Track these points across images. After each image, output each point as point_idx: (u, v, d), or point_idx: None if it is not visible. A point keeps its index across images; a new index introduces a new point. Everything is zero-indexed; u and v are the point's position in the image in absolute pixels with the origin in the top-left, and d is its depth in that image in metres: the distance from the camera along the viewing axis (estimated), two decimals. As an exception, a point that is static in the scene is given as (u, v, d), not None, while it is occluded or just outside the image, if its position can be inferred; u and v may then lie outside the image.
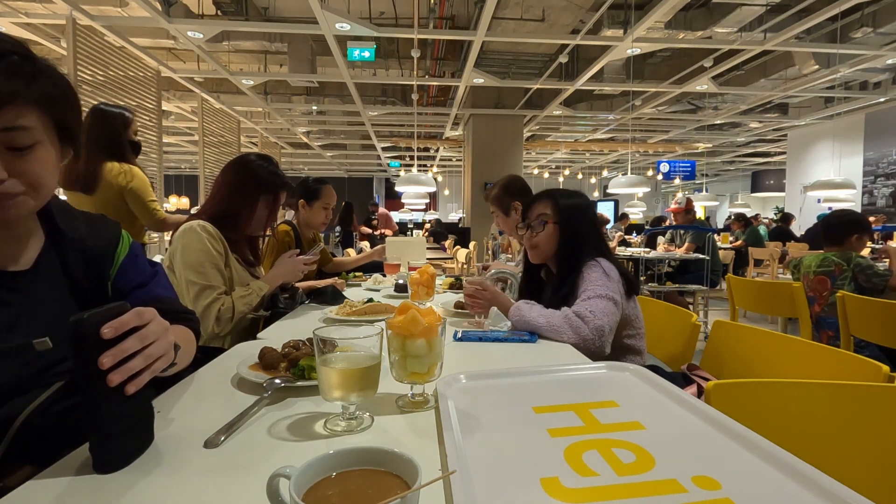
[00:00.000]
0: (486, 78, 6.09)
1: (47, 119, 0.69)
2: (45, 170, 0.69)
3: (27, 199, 0.69)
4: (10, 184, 0.65)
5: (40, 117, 0.67)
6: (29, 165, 0.67)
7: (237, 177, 1.57)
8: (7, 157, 0.65)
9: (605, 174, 16.52)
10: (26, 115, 0.65)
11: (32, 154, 0.67)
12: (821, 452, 0.79)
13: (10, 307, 0.71)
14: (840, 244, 2.51)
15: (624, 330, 1.43)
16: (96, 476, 0.57)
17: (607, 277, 1.35)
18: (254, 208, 1.57)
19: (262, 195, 1.57)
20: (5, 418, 0.65)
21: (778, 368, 1.18)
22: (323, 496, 0.43)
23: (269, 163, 1.62)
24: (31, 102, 0.66)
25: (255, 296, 1.49)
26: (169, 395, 0.83)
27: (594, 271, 1.38)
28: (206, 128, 6.36)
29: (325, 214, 2.45)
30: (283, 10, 5.29)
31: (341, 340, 0.72)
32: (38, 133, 0.67)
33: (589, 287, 1.34)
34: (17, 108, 0.64)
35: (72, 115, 0.73)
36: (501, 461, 0.59)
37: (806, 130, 9.45)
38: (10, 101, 0.63)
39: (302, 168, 16.15)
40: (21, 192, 0.67)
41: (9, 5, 4.40)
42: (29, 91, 0.65)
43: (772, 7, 4.67)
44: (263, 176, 1.58)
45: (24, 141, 0.66)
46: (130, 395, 0.60)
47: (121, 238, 0.88)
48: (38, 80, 0.66)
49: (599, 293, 1.30)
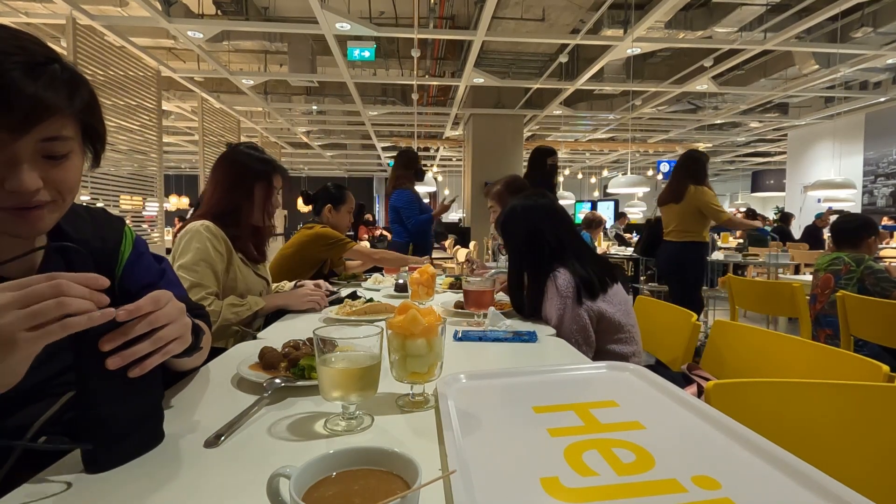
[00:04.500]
0: (486, 78, 6.08)
1: (79, 127, 0.68)
2: (76, 177, 0.69)
3: (55, 208, 0.68)
4: (43, 193, 0.64)
5: (76, 126, 0.67)
6: (62, 174, 0.66)
7: (230, 170, 1.57)
8: (43, 166, 0.64)
9: (605, 174, 16.50)
10: (67, 125, 0.65)
11: (67, 162, 0.66)
12: (821, 452, 0.79)
13: None
14: (857, 247, 2.51)
15: (612, 335, 1.43)
16: (96, 475, 0.57)
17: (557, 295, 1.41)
18: (252, 198, 1.57)
19: (257, 182, 1.58)
20: (19, 427, 0.64)
21: (778, 368, 1.18)
22: (323, 496, 0.43)
23: (257, 150, 1.62)
24: (73, 113, 0.65)
25: (247, 309, 1.45)
26: (169, 394, 0.83)
27: (549, 289, 1.45)
28: (206, 128, 6.36)
29: (349, 218, 2.55)
30: (283, 9, 5.28)
31: (341, 340, 0.72)
32: (74, 142, 0.67)
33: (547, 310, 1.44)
34: (61, 119, 0.63)
35: (100, 122, 0.73)
36: (501, 461, 0.59)
37: (806, 130, 9.44)
38: (55, 112, 0.62)
39: (302, 168, 16.13)
40: (52, 201, 0.66)
41: (9, 5, 4.40)
42: (71, 102, 0.64)
43: (772, 7, 4.67)
44: (255, 163, 1.58)
45: (62, 150, 0.65)
46: (133, 395, 0.59)
47: (124, 235, 0.87)
48: (80, 90, 0.66)
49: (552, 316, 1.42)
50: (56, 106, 0.62)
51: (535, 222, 1.53)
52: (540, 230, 1.51)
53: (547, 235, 1.51)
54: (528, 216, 1.54)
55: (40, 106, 0.60)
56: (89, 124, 0.70)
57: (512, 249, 1.58)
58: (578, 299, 1.39)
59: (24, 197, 0.62)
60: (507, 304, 1.64)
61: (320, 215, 2.53)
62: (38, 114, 0.60)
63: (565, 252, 1.49)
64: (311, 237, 2.34)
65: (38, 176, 0.63)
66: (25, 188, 0.61)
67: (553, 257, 1.48)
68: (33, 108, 0.60)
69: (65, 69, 0.64)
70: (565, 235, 1.52)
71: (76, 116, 0.66)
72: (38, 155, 0.63)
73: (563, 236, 1.52)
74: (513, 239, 1.57)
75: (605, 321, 1.42)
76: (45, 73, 0.61)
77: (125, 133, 4.41)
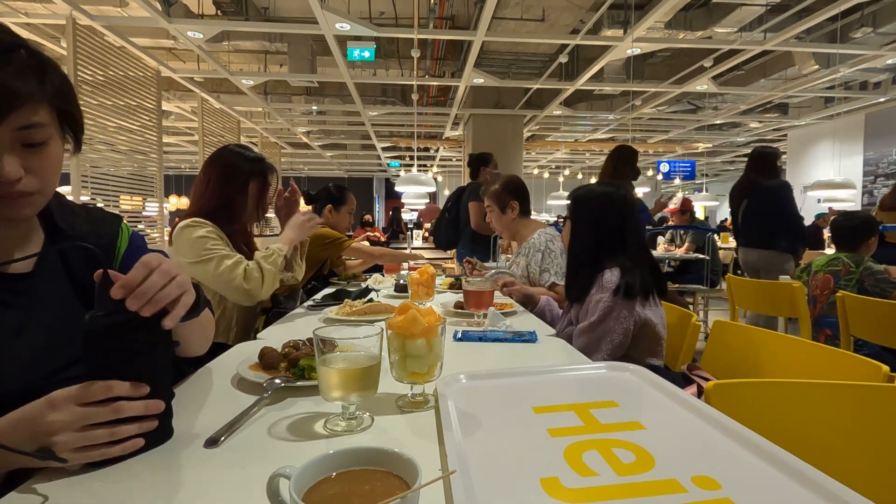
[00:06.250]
0: (486, 78, 6.08)
1: (54, 113, 0.68)
2: (57, 165, 0.69)
3: (38, 195, 0.68)
4: (26, 181, 0.65)
5: (50, 112, 0.67)
6: (42, 161, 0.66)
7: (224, 168, 1.59)
8: (23, 154, 0.64)
9: (605, 174, 16.48)
10: (40, 112, 0.64)
11: (46, 150, 0.66)
12: (821, 452, 0.79)
13: (16, 311, 0.70)
14: (855, 248, 2.50)
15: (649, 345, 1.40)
16: (96, 475, 0.57)
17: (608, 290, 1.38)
18: (245, 195, 1.60)
19: (252, 180, 1.60)
20: None
21: (778, 368, 1.18)
22: (323, 496, 0.43)
23: (248, 150, 1.66)
24: (45, 98, 0.65)
25: (278, 255, 1.51)
26: (169, 395, 0.83)
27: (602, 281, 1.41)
28: (206, 128, 6.36)
29: (349, 219, 2.59)
30: (283, 10, 5.28)
31: (341, 340, 0.72)
32: (51, 128, 0.67)
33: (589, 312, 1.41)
34: (33, 106, 0.63)
35: (75, 107, 0.72)
36: (501, 461, 0.59)
37: (806, 130, 9.44)
38: (27, 99, 0.62)
39: (302, 168, 16.13)
40: (35, 191, 0.66)
41: (9, 5, 4.40)
42: (42, 88, 0.64)
43: (772, 7, 4.67)
44: (248, 162, 1.61)
45: (40, 137, 0.65)
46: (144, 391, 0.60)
47: (120, 230, 0.87)
48: (49, 75, 0.66)
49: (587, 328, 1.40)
50: (27, 93, 0.62)
51: (609, 208, 1.49)
52: (610, 218, 1.48)
53: (614, 225, 1.47)
54: (603, 201, 1.50)
55: (10, 94, 0.60)
56: (64, 110, 0.69)
57: (577, 230, 1.53)
58: (629, 299, 1.36)
59: (6, 186, 0.63)
60: (508, 305, 1.64)
61: (320, 215, 2.54)
62: (8, 103, 0.60)
63: (626, 249, 1.45)
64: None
65: (18, 164, 0.63)
66: (7, 177, 0.62)
67: (613, 250, 1.44)
68: (3, 98, 0.60)
69: (31, 54, 0.64)
70: (632, 233, 1.48)
71: (49, 102, 0.66)
72: (16, 144, 0.63)
73: (630, 233, 1.48)
74: (582, 220, 1.52)
75: (647, 330, 1.39)
76: (13, 61, 0.61)
77: (125, 133, 4.40)
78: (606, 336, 1.35)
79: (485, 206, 2.35)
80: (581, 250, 1.51)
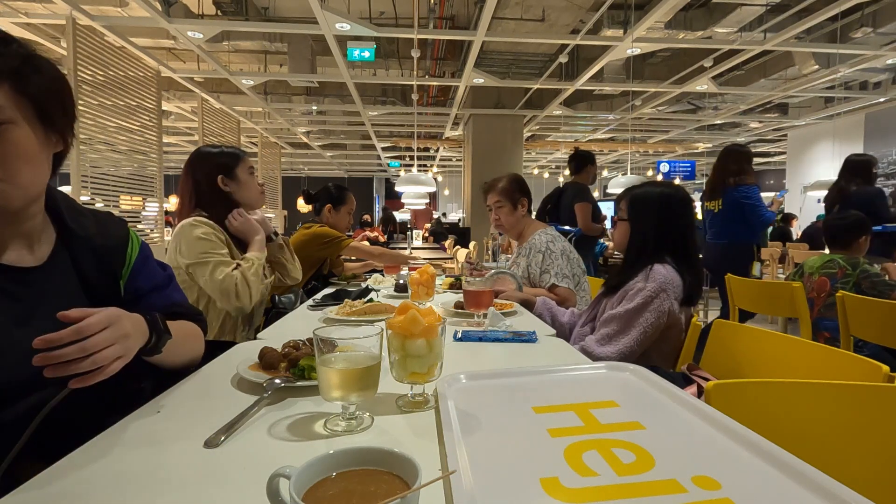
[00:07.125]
0: (486, 78, 6.08)
1: (22, 98, 0.65)
2: (21, 153, 0.65)
3: (6, 185, 0.64)
4: None
5: (11, 95, 0.63)
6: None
7: (204, 168, 1.62)
8: None
9: (605, 174, 16.50)
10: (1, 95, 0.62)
11: (7, 134, 0.63)
12: (821, 452, 0.79)
13: (22, 302, 0.71)
14: (847, 248, 2.49)
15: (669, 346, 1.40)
16: (96, 474, 0.57)
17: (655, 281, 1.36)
18: (239, 181, 1.64)
19: (237, 165, 1.64)
20: (23, 415, 0.65)
21: (778, 368, 1.18)
22: (323, 496, 0.43)
23: (221, 147, 1.69)
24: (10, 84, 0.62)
25: (258, 265, 1.55)
26: (169, 394, 0.83)
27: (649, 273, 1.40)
28: (206, 128, 6.36)
29: (349, 219, 2.59)
30: (283, 10, 5.28)
31: (341, 340, 0.72)
32: (10, 111, 0.63)
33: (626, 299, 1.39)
34: None
35: (59, 111, 0.70)
36: (501, 461, 0.59)
37: (806, 130, 9.44)
38: None
39: (302, 168, 16.13)
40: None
41: (9, 5, 4.40)
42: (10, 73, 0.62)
43: (772, 7, 4.67)
44: (226, 155, 1.65)
45: None
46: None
47: (130, 237, 0.88)
48: (31, 70, 0.64)
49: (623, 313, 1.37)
50: None
51: (672, 209, 1.47)
52: (674, 219, 1.47)
53: (678, 225, 1.46)
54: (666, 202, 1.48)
55: None
56: (38, 100, 0.67)
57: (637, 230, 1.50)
58: (672, 295, 1.36)
59: None
60: (508, 305, 1.64)
61: (320, 215, 2.54)
62: None
63: (677, 248, 1.44)
64: (308, 237, 2.35)
65: None
66: None
67: (675, 252, 1.44)
68: None
69: (21, 47, 0.64)
70: (690, 235, 1.48)
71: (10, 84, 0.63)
72: None
73: (689, 235, 1.47)
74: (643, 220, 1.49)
75: (672, 332, 1.39)
76: None
77: (125, 133, 4.40)
78: (639, 325, 1.34)
79: (493, 203, 2.24)
80: (642, 250, 1.47)
